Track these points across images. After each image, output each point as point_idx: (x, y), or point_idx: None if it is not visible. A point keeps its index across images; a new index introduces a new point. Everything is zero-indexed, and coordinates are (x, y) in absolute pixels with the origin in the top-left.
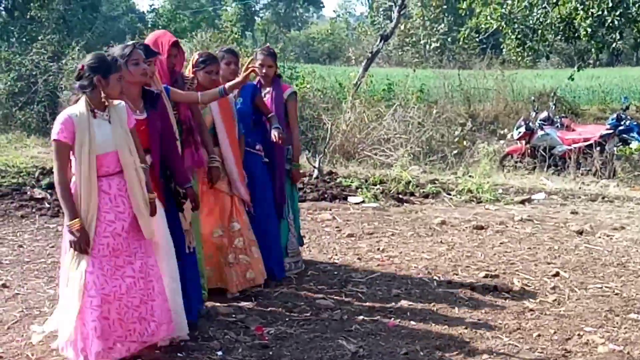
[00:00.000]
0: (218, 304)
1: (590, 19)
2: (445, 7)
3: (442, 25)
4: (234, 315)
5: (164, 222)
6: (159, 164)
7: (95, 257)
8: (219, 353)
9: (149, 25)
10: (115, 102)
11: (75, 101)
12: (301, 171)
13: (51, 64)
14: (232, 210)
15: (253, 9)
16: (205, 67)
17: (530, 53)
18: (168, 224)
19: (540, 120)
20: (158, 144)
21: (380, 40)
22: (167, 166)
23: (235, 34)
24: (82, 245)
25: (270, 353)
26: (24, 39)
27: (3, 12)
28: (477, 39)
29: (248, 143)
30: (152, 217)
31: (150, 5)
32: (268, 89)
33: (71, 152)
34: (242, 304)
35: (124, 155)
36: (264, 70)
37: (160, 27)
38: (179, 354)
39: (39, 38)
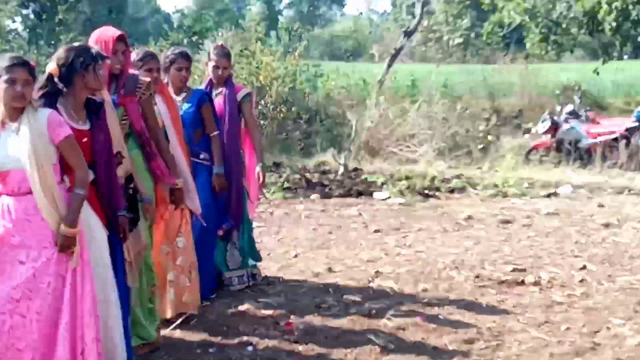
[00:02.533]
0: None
1: (615, 12)
2: (468, 2)
3: (466, 20)
4: (263, 311)
5: (103, 247)
6: (103, 182)
7: None
8: (249, 348)
9: (175, 26)
10: (40, 110)
11: None
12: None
13: None
14: (180, 224)
15: (276, 8)
16: (143, 65)
17: (554, 47)
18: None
19: (565, 114)
20: (102, 159)
21: (404, 37)
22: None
23: (259, 32)
24: None
25: (300, 348)
26: (52, 42)
27: (31, 16)
28: (501, 34)
29: (192, 151)
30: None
31: (175, 7)
32: (220, 89)
33: None
34: (271, 299)
35: (30, 171)
36: (219, 72)
37: (185, 27)
38: (210, 350)
39: (61, 37)
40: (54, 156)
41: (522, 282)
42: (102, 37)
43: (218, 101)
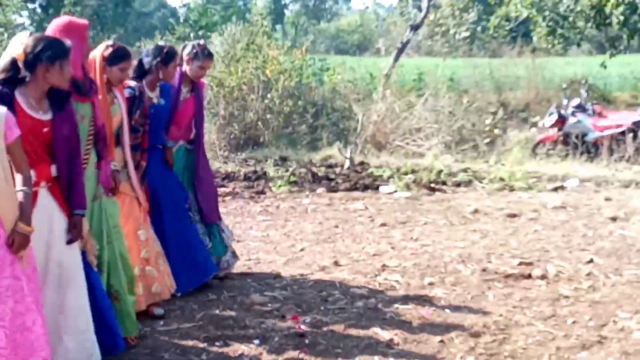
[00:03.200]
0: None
1: (623, 6)
2: None
3: (472, 14)
4: (269, 305)
5: (62, 246)
6: (65, 177)
7: None
8: (256, 342)
9: (181, 21)
10: None
11: None
12: None
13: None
14: (139, 217)
15: (282, 2)
16: (120, 63)
17: (560, 40)
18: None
19: (572, 108)
20: (65, 153)
21: (410, 31)
22: (61, 180)
23: (266, 27)
24: None
25: (306, 342)
26: None
27: (38, 9)
28: (507, 28)
29: (158, 143)
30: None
31: (182, 1)
32: (189, 86)
33: None
34: (277, 293)
35: None
36: (203, 73)
37: (191, 21)
38: (216, 343)
39: None
40: (6, 155)
41: (529, 276)
42: (73, 23)
43: (187, 99)
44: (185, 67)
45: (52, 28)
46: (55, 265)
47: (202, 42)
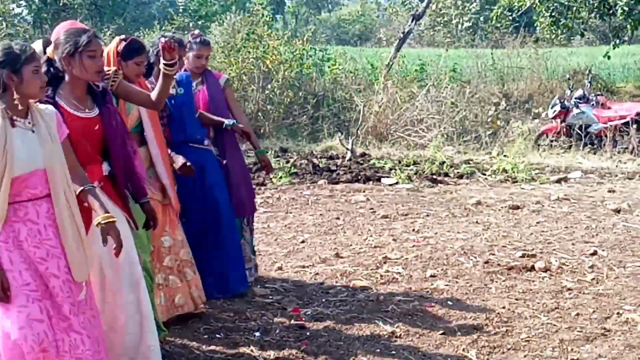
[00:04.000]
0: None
1: None
2: None
3: (474, 4)
4: (270, 297)
5: (130, 245)
6: (122, 173)
7: (25, 307)
8: (257, 334)
9: (180, 10)
10: (42, 106)
11: None
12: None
13: None
14: (164, 222)
15: None
16: (135, 57)
17: (564, 31)
18: None
19: (575, 99)
20: (119, 146)
21: (412, 21)
22: (119, 174)
23: (266, 17)
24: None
25: (308, 334)
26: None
27: (36, 0)
28: (510, 18)
29: (195, 139)
30: (101, 248)
31: None
32: (199, 79)
33: None
34: (278, 285)
35: (54, 174)
36: (202, 62)
37: (190, 11)
38: (217, 335)
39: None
40: (62, 154)
41: (532, 268)
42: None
43: (199, 92)
44: (185, 61)
45: (54, 32)
46: (126, 264)
47: (196, 32)
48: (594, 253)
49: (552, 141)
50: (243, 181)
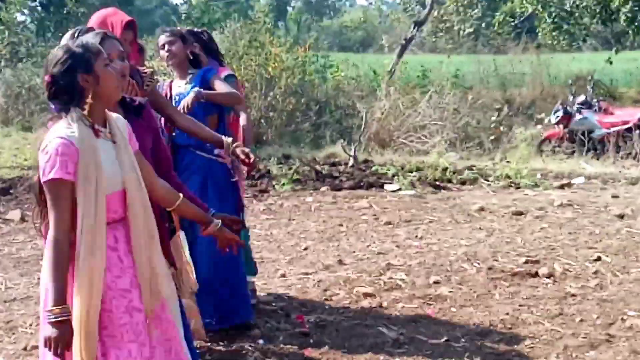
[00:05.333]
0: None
1: (631, 2)
2: None
3: (476, 10)
4: (274, 304)
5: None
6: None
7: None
8: (261, 341)
9: (183, 18)
10: (113, 114)
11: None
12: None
13: None
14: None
15: None
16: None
17: (566, 36)
18: None
19: (578, 104)
20: (155, 165)
21: (414, 27)
22: None
23: (268, 24)
24: (60, 346)
25: (311, 341)
26: (60, 35)
27: (39, 8)
28: (512, 24)
29: (204, 147)
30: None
31: None
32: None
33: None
34: (281, 292)
35: (132, 191)
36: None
37: (193, 18)
38: (221, 342)
39: (69, 29)
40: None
41: (536, 274)
42: (110, 18)
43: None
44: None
45: (90, 22)
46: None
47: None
48: (598, 259)
49: (555, 147)
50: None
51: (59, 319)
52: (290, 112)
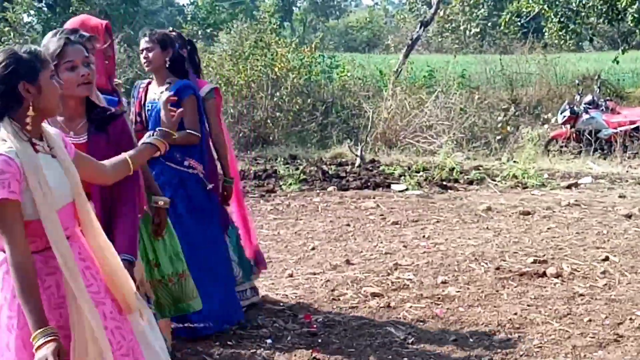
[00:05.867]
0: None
1: (638, 2)
2: None
3: (482, 10)
4: (281, 304)
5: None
6: (102, 215)
7: None
8: (269, 341)
9: (189, 18)
10: (46, 126)
11: None
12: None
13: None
14: None
15: None
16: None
17: (572, 36)
18: None
19: (584, 104)
20: (98, 187)
21: (420, 27)
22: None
23: (274, 24)
24: None
25: (319, 341)
26: None
27: (45, 8)
28: (519, 23)
29: (173, 158)
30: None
31: None
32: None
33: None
34: (289, 292)
35: (81, 204)
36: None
37: (199, 19)
38: (229, 342)
39: None
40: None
41: (544, 274)
42: (89, 21)
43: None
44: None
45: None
46: None
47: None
48: (606, 259)
49: (562, 147)
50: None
51: (52, 345)
52: (296, 112)
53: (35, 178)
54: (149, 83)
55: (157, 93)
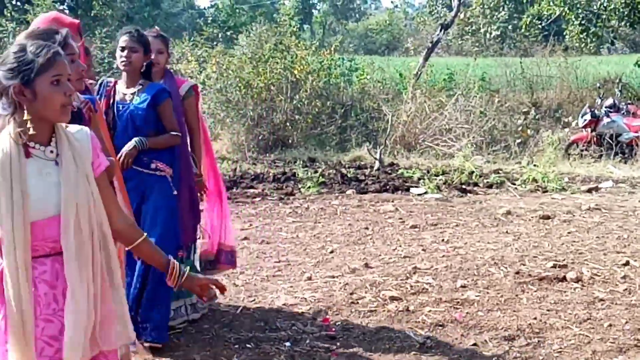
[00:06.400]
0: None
1: None
2: None
3: (503, 12)
4: (300, 307)
5: None
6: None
7: None
8: (287, 344)
9: (209, 21)
10: (73, 127)
11: None
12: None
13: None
14: None
15: (311, 1)
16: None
17: (593, 39)
18: None
19: (605, 108)
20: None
21: (441, 30)
22: None
23: (293, 27)
24: None
25: (338, 344)
26: (88, 37)
27: (67, 11)
28: (539, 26)
29: (140, 161)
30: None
31: (211, 1)
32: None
33: None
34: (308, 295)
35: (68, 217)
36: (158, 58)
37: (219, 21)
38: (247, 345)
39: (97, 32)
40: (97, 193)
41: (564, 279)
42: (61, 20)
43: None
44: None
45: (34, 25)
46: None
47: (155, 28)
48: (626, 263)
49: (582, 150)
50: (187, 207)
51: None
52: (315, 115)
53: (7, 184)
54: (116, 82)
55: (128, 94)
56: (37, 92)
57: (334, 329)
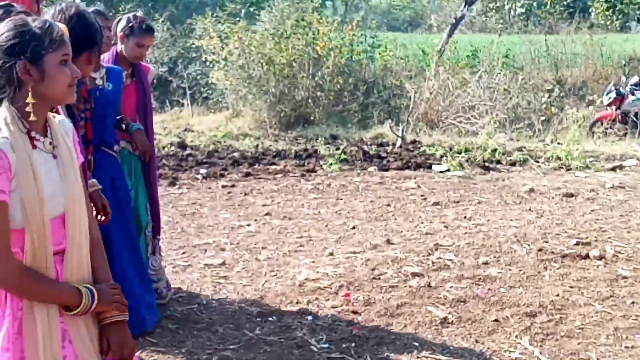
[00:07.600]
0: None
1: None
2: None
3: None
4: (321, 282)
5: None
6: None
7: None
8: (309, 318)
9: None
10: (57, 116)
11: None
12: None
13: None
14: None
15: None
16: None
17: (619, 16)
18: None
19: (631, 85)
20: None
21: (464, 6)
22: None
23: (315, 3)
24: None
25: (359, 319)
26: (111, 13)
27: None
28: (565, 3)
29: (109, 142)
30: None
31: None
32: (128, 70)
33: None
34: (329, 270)
35: (74, 215)
36: (143, 52)
37: None
38: (269, 319)
39: (120, 9)
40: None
41: (587, 256)
42: None
43: (127, 87)
44: (120, 46)
45: None
46: None
47: (139, 13)
48: None
49: (606, 128)
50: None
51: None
52: (337, 92)
53: (29, 178)
54: None
55: (98, 79)
56: (46, 72)
57: (355, 304)
